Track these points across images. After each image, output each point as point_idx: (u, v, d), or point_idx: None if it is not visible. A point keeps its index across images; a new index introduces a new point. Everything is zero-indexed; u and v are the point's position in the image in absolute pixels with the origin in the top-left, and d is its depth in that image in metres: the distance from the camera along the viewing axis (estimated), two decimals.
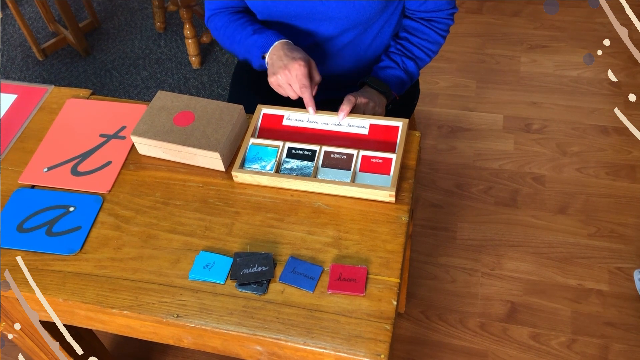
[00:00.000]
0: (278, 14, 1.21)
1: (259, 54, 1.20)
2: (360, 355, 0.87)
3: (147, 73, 2.51)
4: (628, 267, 1.73)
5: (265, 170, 1.08)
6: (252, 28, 1.22)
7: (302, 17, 1.20)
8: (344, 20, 1.19)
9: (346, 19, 1.19)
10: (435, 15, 1.24)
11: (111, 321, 1.00)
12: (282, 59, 1.13)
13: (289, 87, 1.13)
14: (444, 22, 1.26)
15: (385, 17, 1.23)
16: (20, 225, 1.07)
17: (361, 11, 1.17)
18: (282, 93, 1.16)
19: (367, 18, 1.19)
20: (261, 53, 1.19)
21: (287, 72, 1.11)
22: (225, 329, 0.91)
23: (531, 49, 2.41)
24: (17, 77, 2.54)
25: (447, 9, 1.24)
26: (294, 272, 0.96)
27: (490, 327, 1.65)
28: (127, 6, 2.85)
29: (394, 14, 1.24)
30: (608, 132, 2.08)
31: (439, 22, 1.26)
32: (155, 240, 1.02)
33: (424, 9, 1.23)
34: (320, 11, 1.18)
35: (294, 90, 1.13)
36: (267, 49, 1.17)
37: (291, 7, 1.19)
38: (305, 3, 1.17)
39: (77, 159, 1.16)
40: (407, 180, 1.06)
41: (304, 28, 1.23)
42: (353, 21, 1.19)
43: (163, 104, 1.16)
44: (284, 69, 1.11)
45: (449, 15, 1.26)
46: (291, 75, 1.11)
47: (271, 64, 1.15)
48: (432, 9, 1.23)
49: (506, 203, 1.91)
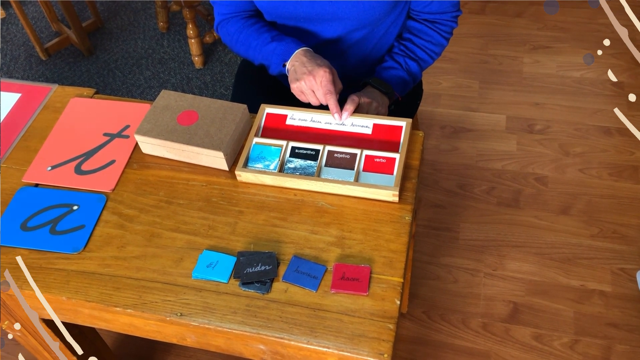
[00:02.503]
0: (287, 14, 1.21)
1: (279, 61, 1.20)
2: (363, 354, 0.87)
3: (150, 73, 2.51)
4: (631, 268, 1.73)
5: (269, 169, 1.08)
6: (270, 35, 1.23)
7: (311, 18, 1.20)
8: (352, 21, 1.19)
9: (355, 19, 1.19)
10: (440, 17, 1.25)
11: (115, 320, 1.00)
12: (306, 65, 1.13)
13: (312, 94, 1.13)
14: (448, 25, 1.26)
15: (392, 18, 1.23)
16: (24, 224, 1.07)
17: (369, 12, 1.17)
18: (303, 99, 1.16)
19: (375, 19, 1.19)
20: (282, 61, 1.20)
21: (311, 78, 1.12)
22: (229, 328, 0.92)
23: (534, 49, 2.41)
24: (20, 77, 2.55)
25: (452, 11, 1.24)
26: (297, 271, 0.96)
27: (493, 328, 1.65)
28: (130, 6, 2.85)
29: (400, 15, 1.25)
30: (611, 133, 2.08)
31: (443, 24, 1.26)
32: (158, 239, 1.03)
33: (429, 10, 1.23)
34: (329, 12, 1.18)
35: (317, 97, 1.13)
36: (287, 57, 1.18)
37: (300, 8, 1.18)
38: (314, 4, 1.17)
39: (80, 158, 1.16)
40: (410, 180, 1.07)
41: (312, 29, 1.23)
42: (361, 22, 1.19)
43: (167, 103, 1.16)
44: (309, 75, 1.12)
45: (453, 17, 1.26)
46: (316, 81, 1.11)
47: (293, 70, 1.15)
48: (436, 10, 1.23)
49: (509, 203, 1.91)
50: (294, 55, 1.16)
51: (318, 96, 1.13)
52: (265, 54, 1.23)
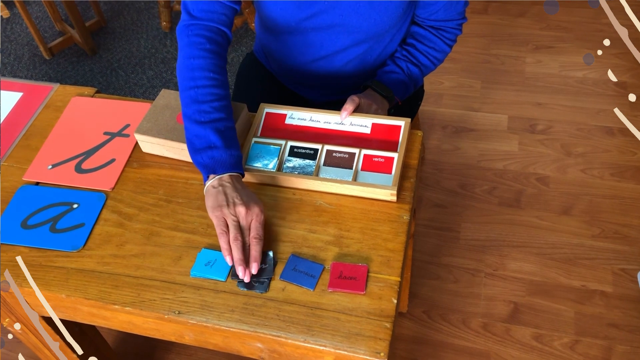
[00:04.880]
0: (295, 25, 1.19)
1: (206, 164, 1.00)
2: (360, 353, 0.87)
3: (152, 72, 2.52)
4: (632, 269, 1.72)
5: (268, 168, 1.08)
6: (219, 115, 1.03)
7: (320, 30, 1.19)
8: (359, 34, 1.18)
9: (362, 32, 1.18)
10: (445, 25, 1.24)
11: (113, 317, 1.01)
12: (240, 193, 0.97)
13: (235, 229, 0.95)
14: (453, 32, 1.26)
15: (398, 26, 1.23)
16: (25, 222, 1.07)
17: (380, 25, 1.16)
18: (218, 227, 0.96)
19: (382, 31, 1.19)
20: (210, 168, 0.99)
21: (243, 211, 0.96)
22: (226, 326, 0.92)
23: (536, 49, 2.40)
24: (23, 76, 2.56)
25: (457, 19, 1.24)
26: (295, 270, 0.96)
27: (493, 328, 1.65)
28: (133, 6, 2.86)
29: (405, 22, 1.24)
30: (613, 133, 2.07)
31: (447, 31, 1.25)
32: (157, 238, 1.03)
33: (435, 17, 1.22)
34: (338, 25, 1.17)
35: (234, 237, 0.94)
36: (221, 170, 0.99)
37: (310, 20, 1.17)
38: (325, 17, 1.15)
39: (81, 157, 1.17)
40: (408, 179, 1.07)
41: (318, 40, 1.21)
42: (369, 34, 1.19)
43: (167, 102, 1.17)
44: (242, 206, 0.96)
45: (458, 25, 1.25)
46: (246, 218, 0.96)
47: (220, 191, 0.97)
48: (442, 18, 1.22)
49: (510, 204, 1.91)
50: (229, 175, 0.99)
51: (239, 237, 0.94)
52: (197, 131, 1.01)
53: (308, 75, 1.31)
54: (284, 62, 1.33)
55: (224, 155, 1.00)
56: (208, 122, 1.01)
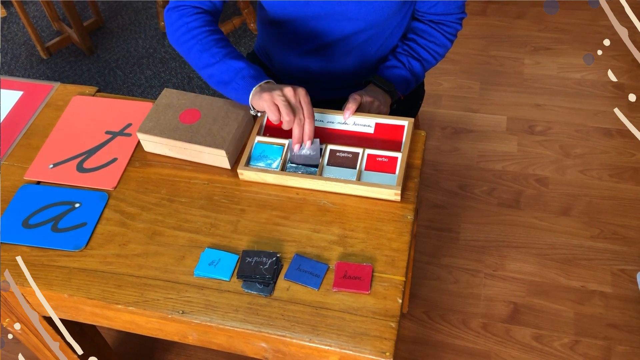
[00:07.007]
0: (295, 13, 1.20)
1: (245, 82, 1.08)
2: (365, 352, 0.87)
3: (150, 72, 2.52)
4: (631, 269, 1.73)
5: (271, 168, 1.08)
6: (238, 53, 1.13)
7: (320, 17, 1.20)
8: (360, 22, 1.19)
9: (363, 20, 1.18)
10: (445, 19, 1.25)
11: (116, 317, 1.00)
12: (282, 84, 1.07)
13: (286, 107, 1.02)
14: (453, 27, 1.26)
15: (398, 20, 1.23)
16: (26, 221, 1.07)
17: (378, 12, 1.17)
18: (270, 109, 1.03)
19: (382, 20, 1.19)
20: (246, 91, 1.07)
21: (291, 91, 1.03)
22: (231, 326, 0.92)
23: (535, 51, 2.41)
24: (21, 75, 2.55)
25: (457, 13, 1.24)
26: (299, 269, 0.96)
27: (493, 328, 1.65)
28: (131, 5, 2.85)
29: (405, 16, 1.24)
30: (612, 134, 2.08)
31: (447, 25, 1.26)
32: (160, 237, 1.03)
33: (434, 11, 1.23)
34: (338, 11, 1.17)
35: (288, 112, 1.02)
36: (254, 83, 1.07)
37: (309, 7, 1.18)
38: (323, 3, 1.17)
39: (82, 156, 1.16)
40: (412, 179, 1.07)
41: (319, 28, 1.22)
42: (369, 22, 1.19)
43: (169, 102, 1.17)
44: (289, 87, 1.04)
45: (458, 19, 1.26)
46: (295, 95, 1.04)
47: (266, 88, 1.05)
48: (441, 12, 1.23)
49: (509, 204, 1.91)
50: (264, 82, 1.08)
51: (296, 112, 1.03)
52: (219, 69, 1.11)
53: (309, 69, 1.31)
54: (285, 55, 1.33)
55: (251, 71, 1.09)
56: (223, 58, 1.11)
